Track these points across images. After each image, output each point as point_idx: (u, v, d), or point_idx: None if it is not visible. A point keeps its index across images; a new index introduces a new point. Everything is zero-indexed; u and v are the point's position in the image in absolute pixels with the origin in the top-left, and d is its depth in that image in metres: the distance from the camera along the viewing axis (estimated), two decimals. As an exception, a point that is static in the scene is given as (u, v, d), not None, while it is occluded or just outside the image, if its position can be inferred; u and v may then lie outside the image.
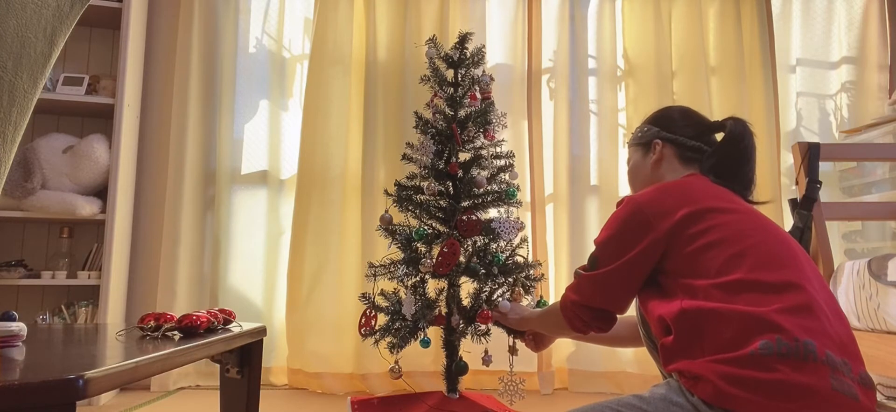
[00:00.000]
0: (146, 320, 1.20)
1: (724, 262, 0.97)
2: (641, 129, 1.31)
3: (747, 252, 0.97)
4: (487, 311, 1.83)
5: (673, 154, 1.24)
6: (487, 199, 1.95)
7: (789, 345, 0.86)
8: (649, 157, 1.27)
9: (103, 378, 0.75)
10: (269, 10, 2.84)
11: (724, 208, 1.04)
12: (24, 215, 2.33)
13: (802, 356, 0.86)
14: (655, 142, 1.26)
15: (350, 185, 2.70)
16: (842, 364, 0.88)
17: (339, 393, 2.56)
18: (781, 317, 0.89)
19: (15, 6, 0.66)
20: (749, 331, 0.88)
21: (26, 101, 0.71)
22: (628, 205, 1.11)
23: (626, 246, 1.08)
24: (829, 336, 0.89)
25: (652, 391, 0.96)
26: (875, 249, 2.73)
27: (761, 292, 0.92)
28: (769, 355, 0.86)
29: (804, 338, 0.87)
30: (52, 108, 2.53)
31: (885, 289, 1.59)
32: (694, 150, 1.22)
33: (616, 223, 1.11)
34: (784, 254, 0.98)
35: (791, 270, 0.96)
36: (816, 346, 0.87)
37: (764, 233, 1.01)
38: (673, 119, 1.27)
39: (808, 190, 1.88)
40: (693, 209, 1.04)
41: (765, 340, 0.87)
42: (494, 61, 2.87)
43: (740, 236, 1.00)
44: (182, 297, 2.57)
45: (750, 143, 1.18)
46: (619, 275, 1.09)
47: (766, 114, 2.84)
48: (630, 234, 1.08)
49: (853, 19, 3.07)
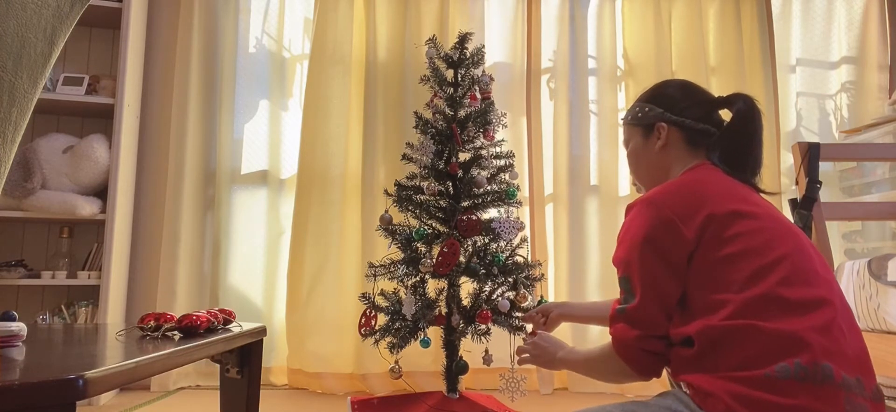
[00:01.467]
0: (146, 320, 1.20)
1: (751, 275, 0.92)
2: (640, 109, 1.20)
3: (775, 265, 0.92)
4: (487, 311, 1.83)
5: (680, 138, 1.14)
6: (487, 199, 1.95)
7: (807, 370, 0.84)
8: (652, 140, 1.17)
9: (103, 378, 0.75)
10: (269, 10, 2.84)
11: (748, 212, 0.98)
12: (24, 215, 2.33)
13: (820, 380, 0.84)
14: (660, 125, 1.16)
15: (350, 185, 2.70)
16: (856, 384, 0.86)
17: (339, 393, 2.56)
18: (809, 335, 0.86)
19: (15, 6, 0.66)
20: (770, 351, 0.86)
21: (26, 101, 0.71)
22: (647, 207, 1.02)
23: (662, 251, 0.98)
24: (846, 356, 0.87)
25: (657, 400, 0.94)
26: (875, 249, 2.73)
27: (788, 310, 0.89)
28: (785, 379, 0.84)
29: (823, 361, 0.85)
30: (52, 108, 2.53)
31: (885, 289, 1.59)
32: (702, 133, 1.13)
33: (642, 229, 1.01)
34: (811, 269, 0.94)
35: (819, 286, 0.92)
36: (834, 370, 0.85)
37: (793, 244, 0.96)
38: (675, 98, 1.17)
39: (808, 190, 1.88)
40: (716, 212, 0.97)
41: (783, 363, 0.84)
42: (494, 60, 2.88)
43: (768, 246, 0.94)
44: (182, 297, 2.57)
45: (759, 122, 1.11)
46: (667, 284, 0.98)
47: (766, 114, 2.84)
48: (661, 236, 0.99)
49: (853, 19, 3.07)
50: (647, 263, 0.99)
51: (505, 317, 1.88)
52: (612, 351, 1.05)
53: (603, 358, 1.10)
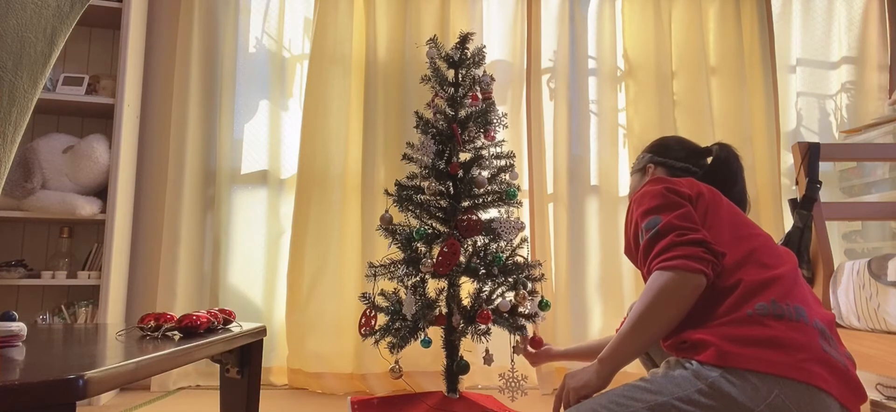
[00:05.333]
0: (146, 320, 1.20)
1: (732, 240, 1.08)
2: (640, 157, 1.46)
3: (752, 237, 1.10)
4: (487, 311, 1.83)
5: (663, 173, 1.39)
6: (488, 199, 1.95)
7: (783, 308, 0.96)
8: (644, 178, 1.42)
9: (103, 378, 0.75)
10: (269, 10, 2.84)
11: (728, 207, 1.17)
12: (24, 215, 2.33)
13: (794, 318, 0.95)
14: (649, 165, 1.41)
15: (350, 184, 2.70)
16: (830, 337, 0.98)
17: (339, 393, 2.56)
18: (777, 285, 1.00)
19: (15, 6, 0.66)
20: (747, 296, 0.98)
21: (26, 101, 0.71)
22: (654, 183, 1.19)
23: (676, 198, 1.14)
24: (817, 313, 1.00)
25: (652, 373, 1.02)
26: (875, 249, 2.73)
27: (763, 268, 1.03)
28: (765, 315, 0.95)
29: (795, 302, 0.98)
30: (52, 108, 2.53)
31: (885, 289, 1.59)
32: (682, 170, 1.36)
33: (655, 195, 1.16)
34: (777, 251, 1.10)
35: (785, 263, 1.07)
36: (807, 313, 0.97)
37: (764, 237, 1.13)
38: (664, 145, 1.42)
39: (808, 190, 1.88)
40: (703, 193, 1.17)
41: (761, 302, 0.97)
42: (494, 60, 2.88)
43: (746, 228, 1.13)
44: (182, 297, 2.57)
45: (736, 165, 1.31)
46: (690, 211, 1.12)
47: (766, 114, 2.84)
48: (672, 194, 1.14)
49: (853, 19, 3.07)
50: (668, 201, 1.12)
51: (505, 317, 1.88)
52: (655, 276, 1.01)
53: (648, 296, 1.01)
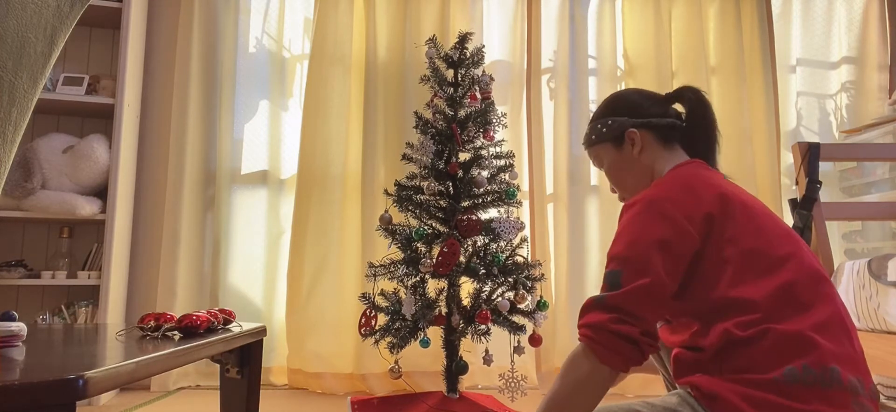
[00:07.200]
0: (146, 320, 1.20)
1: (761, 272, 0.92)
2: (603, 124, 1.19)
3: (784, 262, 0.93)
4: (487, 311, 1.83)
5: (652, 138, 1.15)
6: (487, 199, 1.95)
7: (815, 373, 0.85)
8: (626, 149, 1.16)
9: (103, 378, 0.75)
10: (269, 10, 2.84)
11: (744, 207, 0.98)
12: (24, 215, 2.33)
13: (828, 383, 0.84)
14: (630, 132, 1.15)
15: (350, 184, 2.70)
16: (859, 385, 0.87)
17: (339, 393, 2.56)
18: (816, 335, 0.86)
19: (15, 6, 0.66)
20: (776, 353, 0.86)
21: (26, 101, 0.71)
22: (650, 205, 0.99)
23: (669, 246, 0.94)
24: (848, 357, 0.88)
25: (664, 400, 0.92)
26: (875, 249, 2.73)
27: (799, 308, 0.89)
28: (794, 383, 0.84)
29: (831, 364, 0.85)
30: (52, 108, 2.53)
31: (885, 289, 1.59)
32: (669, 126, 1.15)
33: (646, 227, 0.97)
34: (815, 267, 0.94)
35: (823, 283, 0.93)
36: (841, 373, 0.85)
37: (795, 243, 0.97)
38: (634, 103, 1.18)
39: (808, 190, 1.88)
40: (713, 211, 0.97)
41: (790, 367, 0.85)
42: (493, 60, 2.88)
43: (770, 245, 0.95)
44: (182, 297, 2.57)
45: (711, 109, 1.18)
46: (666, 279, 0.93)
47: (766, 114, 2.84)
48: (670, 235, 0.95)
49: (853, 19, 3.07)
50: (652, 259, 0.93)
51: (505, 317, 1.89)
52: (574, 355, 0.94)
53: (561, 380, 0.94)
